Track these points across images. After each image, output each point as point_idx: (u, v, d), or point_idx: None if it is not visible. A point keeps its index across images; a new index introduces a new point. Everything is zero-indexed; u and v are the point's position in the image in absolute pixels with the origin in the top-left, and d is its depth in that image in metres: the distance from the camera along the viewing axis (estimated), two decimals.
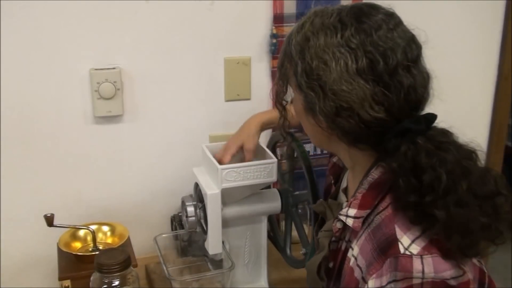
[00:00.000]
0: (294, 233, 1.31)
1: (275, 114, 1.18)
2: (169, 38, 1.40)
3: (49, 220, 1.21)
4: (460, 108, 1.73)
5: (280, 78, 0.90)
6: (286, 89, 0.91)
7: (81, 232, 1.32)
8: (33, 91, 1.33)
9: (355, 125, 0.79)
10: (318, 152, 1.58)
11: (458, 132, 0.81)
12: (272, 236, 1.42)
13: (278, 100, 0.95)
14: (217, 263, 1.29)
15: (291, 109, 0.98)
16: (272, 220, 1.43)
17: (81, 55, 1.34)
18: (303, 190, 1.25)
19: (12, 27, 1.27)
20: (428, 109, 0.83)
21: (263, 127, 1.29)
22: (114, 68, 1.36)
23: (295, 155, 1.28)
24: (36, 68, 1.32)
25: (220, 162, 1.24)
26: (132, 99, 1.41)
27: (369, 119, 0.78)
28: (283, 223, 1.40)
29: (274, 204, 1.30)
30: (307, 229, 1.29)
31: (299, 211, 1.31)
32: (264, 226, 1.32)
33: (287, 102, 0.96)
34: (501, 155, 1.84)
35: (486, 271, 0.80)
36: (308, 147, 1.56)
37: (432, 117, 0.81)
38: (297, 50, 0.83)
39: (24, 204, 1.39)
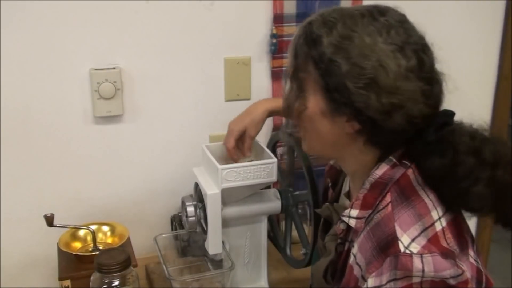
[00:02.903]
0: (294, 233, 1.31)
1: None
2: (169, 38, 1.40)
3: (49, 220, 1.21)
4: (460, 109, 1.72)
5: (298, 87, 0.86)
6: (303, 95, 0.86)
7: (81, 232, 1.32)
8: (33, 91, 1.33)
9: (402, 122, 0.79)
10: None
11: None
12: (272, 236, 1.42)
13: (295, 107, 0.87)
14: (217, 263, 1.30)
15: None
16: (272, 220, 1.43)
17: (81, 55, 1.34)
18: (303, 190, 1.25)
19: (12, 27, 1.27)
20: None
21: (268, 115, 1.26)
22: (114, 68, 1.36)
23: (295, 155, 1.28)
24: (36, 68, 1.32)
25: (225, 146, 1.25)
26: (132, 99, 1.41)
27: (416, 115, 0.79)
28: (283, 223, 1.40)
29: (274, 204, 1.30)
30: (307, 229, 1.29)
31: (299, 211, 1.31)
32: (264, 226, 1.32)
33: (306, 106, 0.86)
34: None
35: (482, 270, 0.81)
36: None
37: (452, 112, 0.85)
38: (334, 51, 0.79)
39: (24, 204, 1.39)
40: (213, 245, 1.23)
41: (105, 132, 1.41)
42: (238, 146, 1.27)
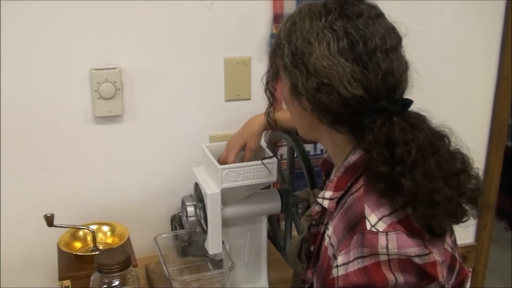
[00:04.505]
0: (294, 233, 1.31)
1: (280, 114, 1.19)
2: (169, 38, 1.40)
3: (49, 220, 1.21)
4: (460, 108, 1.73)
5: (271, 65, 0.95)
6: (276, 76, 0.95)
7: (81, 232, 1.32)
8: (33, 91, 1.33)
9: (335, 102, 0.82)
10: (318, 152, 1.58)
11: (457, 132, 0.83)
12: (272, 236, 1.42)
13: (268, 87, 0.99)
14: (217, 263, 1.30)
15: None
16: (272, 220, 1.43)
17: (81, 55, 1.34)
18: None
19: (12, 27, 1.27)
20: (427, 110, 0.85)
21: (266, 127, 1.30)
22: (114, 68, 1.36)
23: (295, 155, 1.28)
24: (36, 68, 1.32)
25: (225, 162, 1.27)
26: (132, 99, 1.41)
27: (347, 96, 0.82)
28: (283, 223, 1.41)
29: (274, 204, 1.30)
30: None
31: (299, 211, 1.31)
32: (264, 226, 1.32)
33: (275, 89, 0.99)
34: (501, 155, 1.84)
35: (458, 258, 0.83)
36: (308, 147, 1.56)
37: (409, 101, 0.85)
38: (285, 35, 0.88)
39: (24, 204, 1.39)
40: (213, 245, 1.23)
41: (105, 132, 1.41)
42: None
